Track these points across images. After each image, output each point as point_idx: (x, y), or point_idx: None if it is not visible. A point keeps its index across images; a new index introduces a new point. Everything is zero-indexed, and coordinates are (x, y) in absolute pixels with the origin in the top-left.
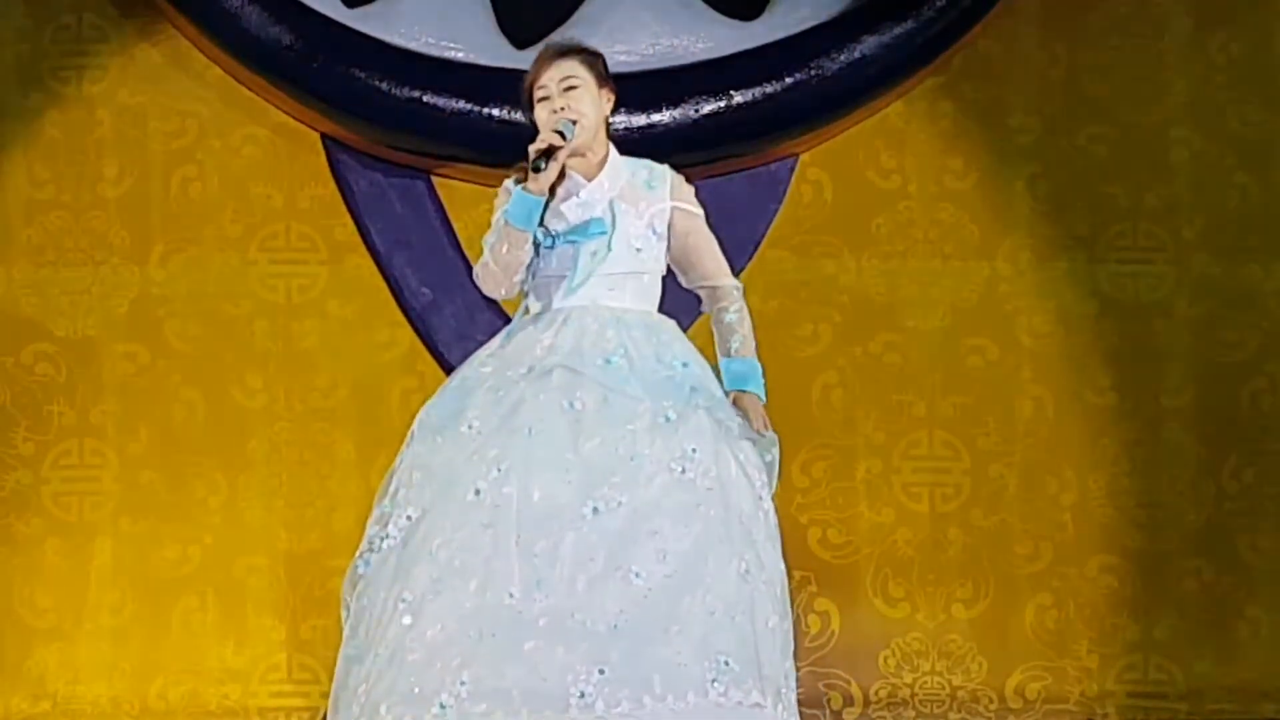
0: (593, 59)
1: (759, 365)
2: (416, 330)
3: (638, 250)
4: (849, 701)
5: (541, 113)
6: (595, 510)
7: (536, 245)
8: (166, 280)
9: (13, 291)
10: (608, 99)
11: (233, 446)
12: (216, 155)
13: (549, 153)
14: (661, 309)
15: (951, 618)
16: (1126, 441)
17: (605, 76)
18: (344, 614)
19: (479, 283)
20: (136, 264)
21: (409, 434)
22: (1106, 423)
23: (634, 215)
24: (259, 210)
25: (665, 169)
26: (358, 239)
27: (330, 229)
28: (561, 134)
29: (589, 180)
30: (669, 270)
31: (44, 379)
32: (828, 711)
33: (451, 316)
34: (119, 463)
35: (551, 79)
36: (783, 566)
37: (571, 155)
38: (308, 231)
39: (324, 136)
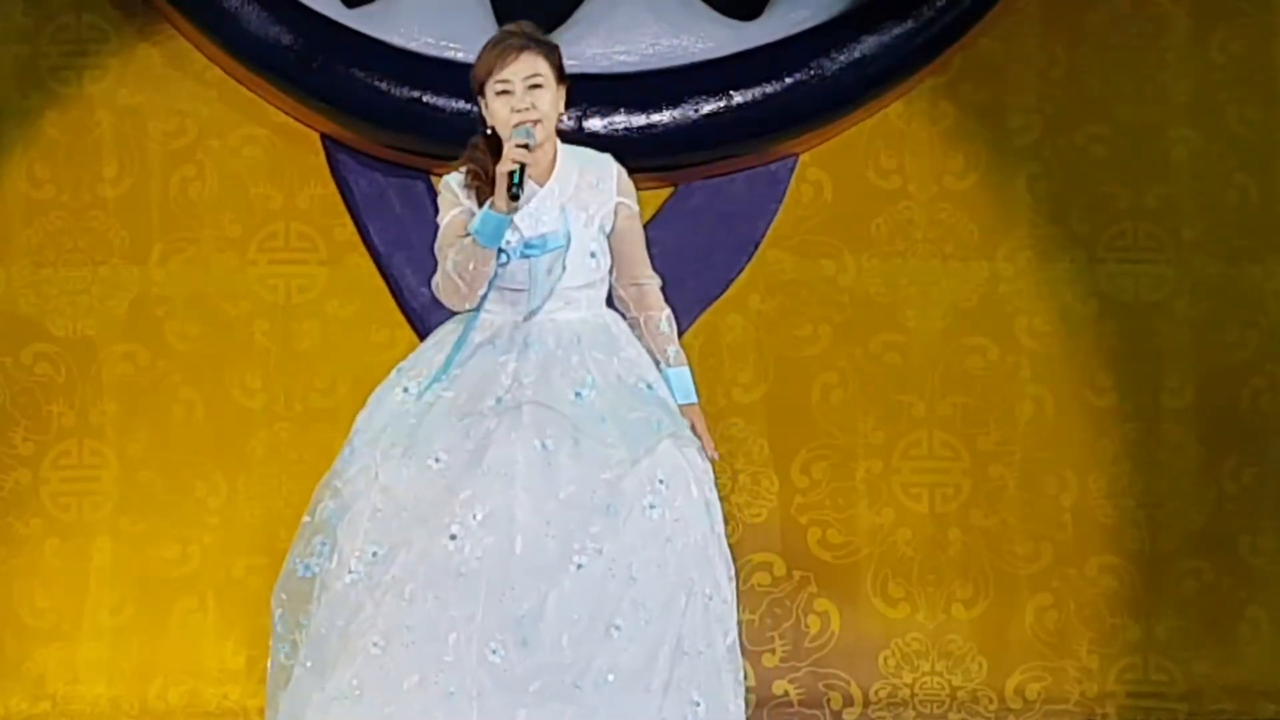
0: (552, 52)
1: (690, 371)
2: (416, 330)
3: (592, 255)
4: (849, 701)
5: (502, 109)
6: (579, 566)
7: None
8: (166, 280)
9: (12, 291)
10: (562, 95)
11: (232, 446)
12: (216, 155)
13: (521, 171)
14: None
15: (951, 618)
16: (1126, 441)
17: (563, 70)
18: (276, 614)
19: (439, 295)
20: (136, 264)
21: (352, 438)
22: (1106, 423)
23: (584, 221)
24: (258, 210)
25: (609, 162)
26: (357, 239)
27: (330, 229)
28: (526, 146)
29: (540, 184)
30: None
31: (43, 379)
32: (828, 711)
33: (451, 317)
34: (118, 463)
35: (516, 74)
36: (732, 567)
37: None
38: (307, 232)
39: (324, 136)
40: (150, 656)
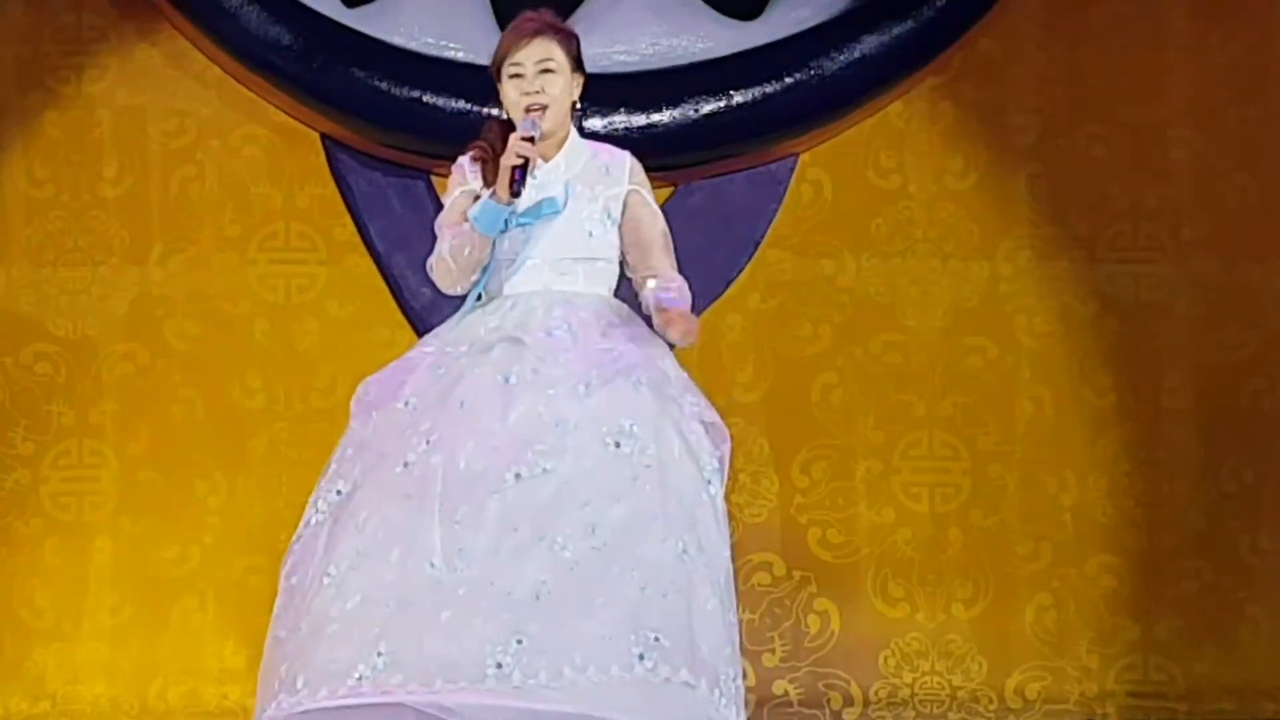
0: (569, 40)
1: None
2: (416, 330)
3: (590, 234)
4: (849, 701)
5: (512, 92)
6: (518, 476)
7: None
8: (166, 280)
9: (12, 291)
10: (578, 84)
11: (232, 446)
12: (216, 155)
13: (524, 167)
14: None
15: (951, 618)
16: (1126, 441)
17: (579, 60)
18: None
19: (433, 277)
20: (136, 264)
21: (352, 420)
22: (1106, 423)
23: (588, 198)
24: (258, 210)
25: (626, 155)
26: (357, 239)
27: (330, 229)
28: (531, 139)
29: (546, 161)
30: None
31: (43, 379)
32: (828, 711)
33: (451, 316)
34: (118, 463)
35: (528, 58)
36: (728, 555)
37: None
38: (307, 231)
39: (324, 136)
40: (150, 656)
